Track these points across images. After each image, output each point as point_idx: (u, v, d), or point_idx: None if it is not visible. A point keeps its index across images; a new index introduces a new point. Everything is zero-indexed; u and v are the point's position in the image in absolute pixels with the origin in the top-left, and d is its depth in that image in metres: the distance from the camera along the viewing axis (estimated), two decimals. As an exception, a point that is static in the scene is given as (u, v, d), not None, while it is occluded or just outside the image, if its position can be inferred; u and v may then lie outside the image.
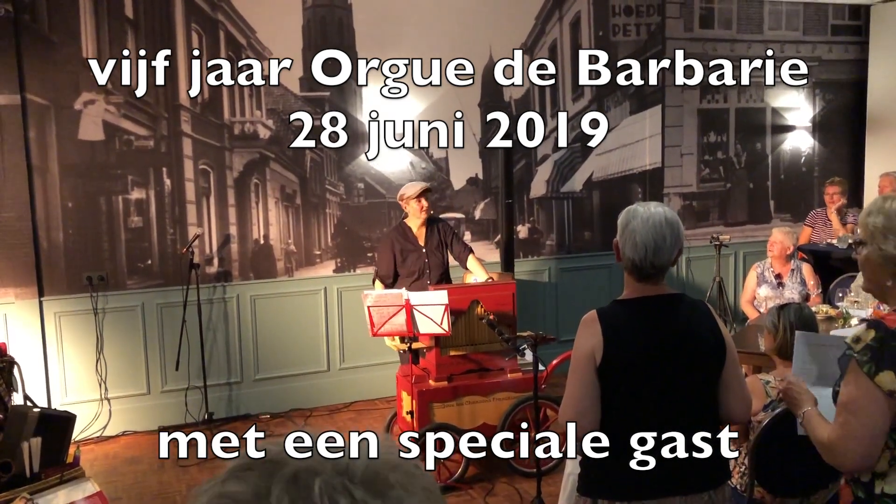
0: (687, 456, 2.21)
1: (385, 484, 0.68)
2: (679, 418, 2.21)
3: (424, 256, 5.10)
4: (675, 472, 2.20)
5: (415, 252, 5.11)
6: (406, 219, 5.15)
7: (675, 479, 2.21)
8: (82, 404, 5.37)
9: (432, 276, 5.11)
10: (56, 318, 5.41)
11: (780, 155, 7.68)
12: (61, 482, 3.16)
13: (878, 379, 1.93)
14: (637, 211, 2.24)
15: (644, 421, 2.20)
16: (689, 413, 2.22)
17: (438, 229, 5.18)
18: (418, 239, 5.14)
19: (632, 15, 6.91)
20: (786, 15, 7.51)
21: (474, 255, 5.18)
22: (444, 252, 5.19)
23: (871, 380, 1.94)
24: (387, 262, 5.14)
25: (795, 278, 5.50)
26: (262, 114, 5.87)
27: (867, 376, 1.94)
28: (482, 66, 6.43)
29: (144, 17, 5.50)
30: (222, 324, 5.86)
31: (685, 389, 2.21)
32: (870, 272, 2.09)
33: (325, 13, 5.99)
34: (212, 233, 5.81)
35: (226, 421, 5.78)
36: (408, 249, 5.12)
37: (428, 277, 5.10)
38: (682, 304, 2.29)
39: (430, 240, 5.14)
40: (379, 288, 5.08)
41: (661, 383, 2.19)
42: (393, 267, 5.13)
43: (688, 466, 2.22)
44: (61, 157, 5.35)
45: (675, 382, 2.20)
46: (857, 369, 1.96)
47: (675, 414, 2.21)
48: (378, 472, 0.69)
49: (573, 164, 6.87)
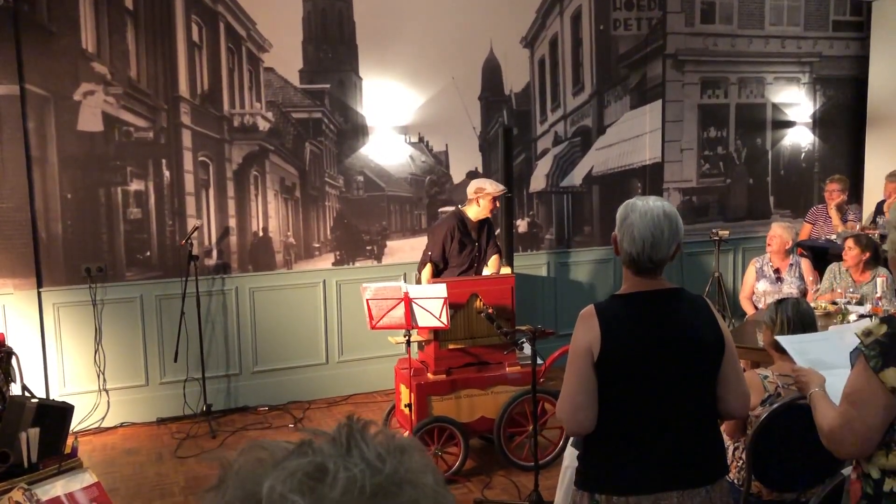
0: (684, 451, 2.21)
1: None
2: (677, 413, 2.21)
3: (477, 249, 5.15)
4: (673, 466, 2.20)
5: (470, 245, 5.14)
6: (465, 208, 5.13)
7: (672, 473, 2.21)
8: (80, 395, 5.38)
9: (479, 269, 5.16)
10: (55, 309, 5.41)
11: (780, 151, 7.67)
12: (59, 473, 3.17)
13: (882, 375, 1.93)
14: (636, 205, 2.23)
15: (641, 415, 2.20)
16: (687, 408, 2.22)
17: (488, 226, 5.24)
18: (472, 232, 5.16)
19: (633, 9, 6.89)
20: (787, 10, 7.50)
21: (499, 256, 5.26)
22: (491, 248, 5.27)
23: (875, 374, 1.94)
24: (439, 247, 5.10)
25: (794, 273, 5.50)
26: (262, 106, 5.86)
27: (873, 371, 1.94)
28: (482, 58, 6.42)
29: (144, 8, 5.49)
30: (221, 316, 5.86)
31: (683, 384, 2.21)
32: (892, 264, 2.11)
33: (325, 5, 5.98)
34: (211, 225, 5.81)
35: (224, 413, 5.79)
36: (465, 239, 5.12)
37: (475, 270, 5.14)
38: (681, 299, 2.28)
39: (481, 235, 5.19)
40: (427, 273, 5.07)
41: (658, 378, 2.19)
42: (444, 253, 5.11)
43: (685, 461, 2.22)
44: (60, 148, 5.34)
45: (672, 377, 2.20)
46: (864, 363, 1.97)
47: (673, 408, 2.21)
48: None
49: (573, 159, 6.86)
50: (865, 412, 1.96)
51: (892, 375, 1.92)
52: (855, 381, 2.01)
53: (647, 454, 2.20)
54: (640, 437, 2.21)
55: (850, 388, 2.02)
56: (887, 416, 1.96)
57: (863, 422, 1.97)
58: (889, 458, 1.99)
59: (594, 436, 2.24)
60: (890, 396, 1.94)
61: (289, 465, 0.67)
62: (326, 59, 6.02)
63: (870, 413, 1.96)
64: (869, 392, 1.96)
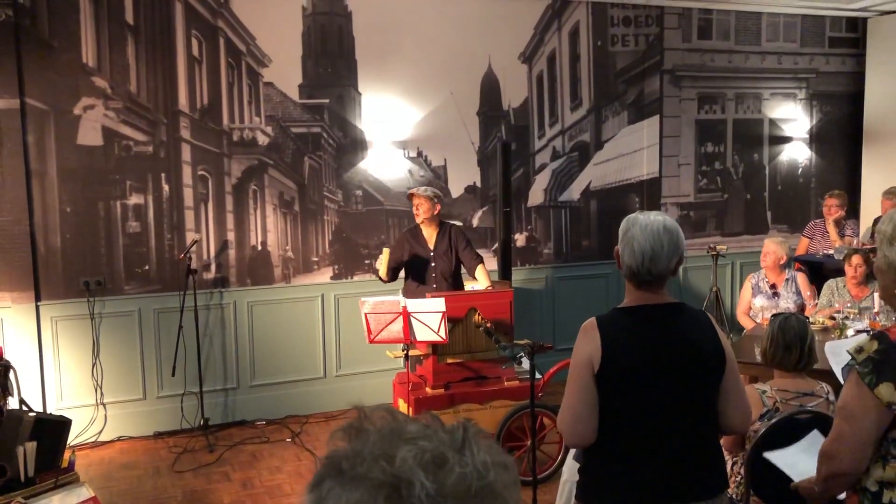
0: (685, 464, 2.21)
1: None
2: (677, 426, 2.21)
3: (431, 260, 5.12)
4: (674, 480, 2.20)
5: (423, 255, 5.12)
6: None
7: (673, 487, 2.21)
8: (78, 409, 5.36)
9: (437, 280, 5.11)
10: (52, 322, 5.40)
11: (777, 166, 7.71)
12: (56, 487, 3.15)
13: (877, 391, 1.94)
14: (637, 219, 2.26)
15: (642, 428, 2.20)
16: (688, 421, 2.22)
17: (450, 234, 5.18)
18: (427, 242, 5.14)
19: (630, 25, 6.94)
20: (783, 27, 7.55)
21: (483, 266, 5.18)
22: (453, 257, 5.18)
23: (871, 391, 1.95)
24: (394, 258, 5.16)
25: (791, 288, 5.51)
26: (261, 120, 5.88)
27: (867, 387, 1.95)
28: (481, 74, 6.46)
29: (145, 23, 5.52)
30: (219, 330, 5.85)
31: (684, 398, 2.21)
32: (882, 280, 2.12)
33: (324, 21, 6.01)
34: (210, 239, 5.81)
35: (221, 427, 5.77)
36: (416, 251, 5.13)
37: (434, 281, 5.11)
38: (683, 313, 2.29)
39: (439, 244, 5.14)
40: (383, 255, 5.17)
41: (659, 391, 2.19)
42: (396, 262, 5.15)
43: (686, 475, 2.22)
44: (60, 162, 5.36)
45: (673, 391, 2.20)
46: (858, 379, 1.98)
47: (674, 422, 2.21)
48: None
49: (571, 174, 6.89)
50: (857, 427, 1.98)
51: (886, 391, 1.93)
52: (847, 397, 2.02)
53: (648, 467, 2.20)
54: (641, 450, 2.21)
55: (842, 404, 2.03)
56: (878, 430, 1.97)
57: (855, 436, 1.98)
58: (886, 469, 2.00)
59: (595, 448, 2.24)
60: (883, 411, 1.95)
61: (422, 444, 0.77)
62: (326, 74, 6.05)
63: (862, 428, 1.97)
64: (861, 408, 1.97)
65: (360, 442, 0.79)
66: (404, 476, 0.74)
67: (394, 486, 0.73)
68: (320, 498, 0.77)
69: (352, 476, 0.76)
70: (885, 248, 2.06)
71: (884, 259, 2.07)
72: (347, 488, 0.75)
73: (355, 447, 0.78)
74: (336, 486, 0.76)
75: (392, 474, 0.74)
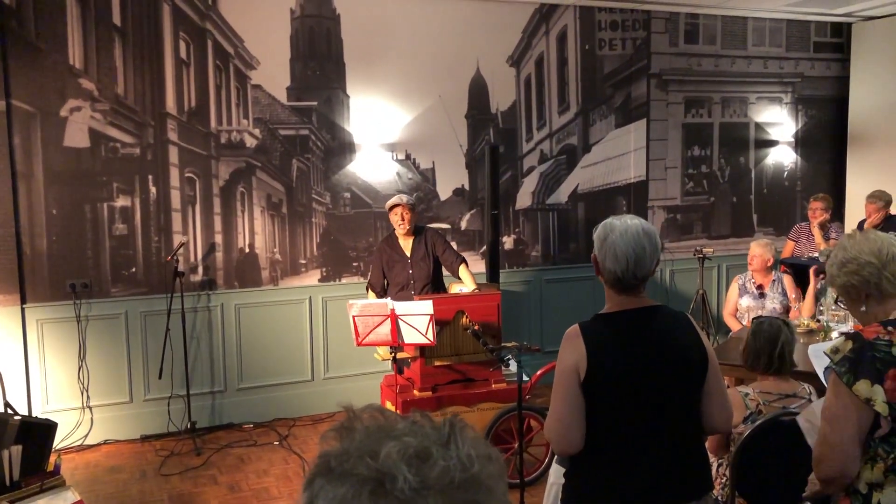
0: (671, 466, 2.23)
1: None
2: (662, 429, 2.23)
3: (409, 267, 5.13)
4: (659, 483, 2.22)
5: (400, 263, 5.15)
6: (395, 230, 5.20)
7: (659, 489, 2.22)
8: (64, 412, 5.33)
9: (416, 286, 5.13)
10: (38, 325, 5.37)
11: (763, 169, 7.76)
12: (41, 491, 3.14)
13: (855, 388, 1.98)
14: (614, 224, 2.27)
15: (628, 432, 2.22)
16: (673, 424, 2.24)
17: (425, 239, 5.19)
18: (404, 249, 5.17)
19: (618, 29, 6.98)
20: (769, 31, 7.61)
21: (466, 266, 5.19)
22: (430, 262, 5.20)
23: (849, 389, 1.98)
24: (376, 271, 5.24)
25: (777, 289, 5.55)
26: (249, 123, 5.87)
27: (846, 386, 1.99)
28: (469, 77, 6.48)
29: (132, 25, 5.50)
30: (206, 332, 5.83)
31: (669, 400, 2.23)
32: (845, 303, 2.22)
33: (313, 23, 6.01)
34: (197, 241, 5.80)
35: (209, 430, 5.75)
36: (394, 260, 5.16)
37: (412, 288, 5.12)
38: (664, 316, 2.31)
39: (416, 250, 5.17)
40: (372, 297, 5.15)
41: (644, 395, 2.21)
42: (382, 276, 5.21)
43: (672, 477, 2.23)
44: (46, 164, 5.33)
45: (658, 394, 2.22)
46: (837, 380, 2.02)
47: (659, 425, 2.22)
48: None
49: (559, 177, 6.91)
50: (839, 427, 2.01)
51: (864, 388, 1.97)
52: (828, 399, 2.06)
53: (634, 470, 2.21)
54: (627, 454, 2.22)
55: (825, 406, 2.08)
56: (861, 429, 2.01)
57: (838, 437, 2.01)
58: (874, 470, 2.03)
59: (581, 454, 2.25)
60: (863, 408, 1.99)
61: (406, 440, 0.80)
62: (314, 77, 6.05)
63: (844, 428, 2.01)
64: (842, 408, 2.01)
65: (348, 440, 0.82)
66: (388, 471, 0.77)
67: (378, 480, 0.77)
68: (312, 495, 0.80)
69: (339, 473, 0.79)
70: (835, 273, 2.22)
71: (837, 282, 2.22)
72: (335, 485, 0.79)
73: (344, 445, 0.82)
74: (325, 483, 0.80)
75: (376, 469, 0.77)
